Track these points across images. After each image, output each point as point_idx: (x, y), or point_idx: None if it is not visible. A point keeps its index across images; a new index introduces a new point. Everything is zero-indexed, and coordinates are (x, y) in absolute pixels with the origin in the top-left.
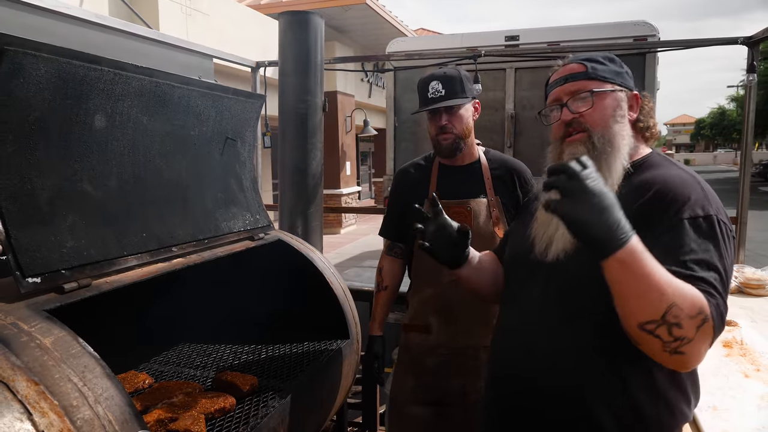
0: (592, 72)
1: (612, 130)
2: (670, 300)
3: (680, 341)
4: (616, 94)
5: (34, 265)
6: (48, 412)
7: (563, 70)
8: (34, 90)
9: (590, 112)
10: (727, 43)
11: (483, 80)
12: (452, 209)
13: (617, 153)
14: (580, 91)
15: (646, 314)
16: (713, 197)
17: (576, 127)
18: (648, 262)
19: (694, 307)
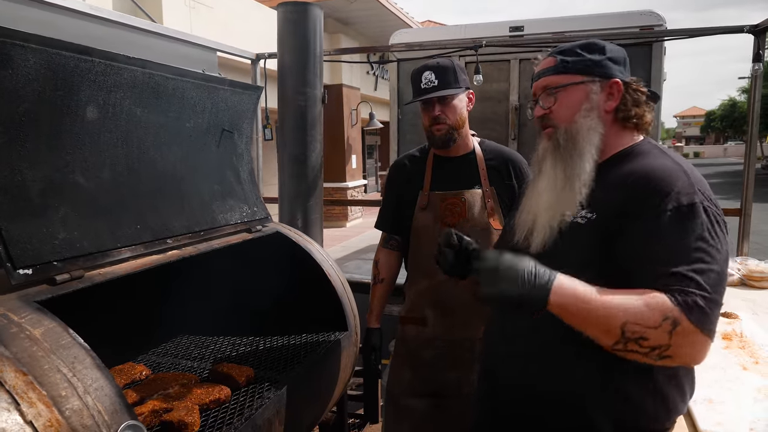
0: (561, 66)
1: (576, 126)
2: (620, 320)
3: (658, 349)
4: (585, 86)
5: (26, 256)
6: (36, 402)
7: (540, 65)
8: (23, 81)
9: (555, 108)
10: (733, 31)
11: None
12: (447, 200)
13: (580, 151)
14: (547, 87)
15: (607, 339)
16: (700, 184)
17: (546, 122)
18: (581, 297)
19: (653, 316)
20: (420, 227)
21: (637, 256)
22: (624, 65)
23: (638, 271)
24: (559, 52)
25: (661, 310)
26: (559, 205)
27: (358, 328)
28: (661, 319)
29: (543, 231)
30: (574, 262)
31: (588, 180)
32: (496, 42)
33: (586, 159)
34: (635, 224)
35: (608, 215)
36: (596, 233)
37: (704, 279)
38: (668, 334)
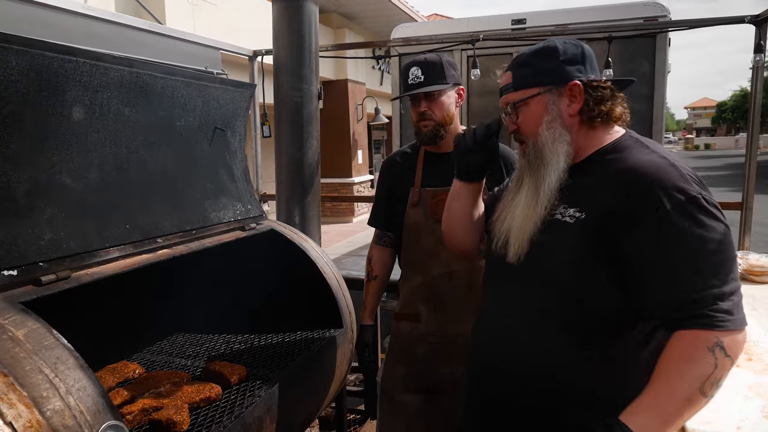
0: (518, 81)
1: (541, 140)
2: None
3: (725, 372)
4: (542, 97)
5: (11, 257)
6: (16, 403)
7: (502, 81)
8: (6, 83)
9: (520, 123)
10: (735, 22)
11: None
12: (438, 197)
13: (546, 163)
14: (509, 102)
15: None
16: (690, 172)
17: (518, 137)
18: (655, 411)
19: (708, 361)
20: (412, 224)
21: (646, 261)
22: (583, 63)
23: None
24: (514, 65)
25: (705, 350)
26: (528, 222)
27: (353, 325)
28: (710, 357)
29: (515, 245)
30: (561, 261)
31: (554, 190)
32: (494, 36)
33: (551, 170)
34: (640, 227)
35: (599, 215)
36: (585, 233)
37: (716, 274)
38: (722, 359)
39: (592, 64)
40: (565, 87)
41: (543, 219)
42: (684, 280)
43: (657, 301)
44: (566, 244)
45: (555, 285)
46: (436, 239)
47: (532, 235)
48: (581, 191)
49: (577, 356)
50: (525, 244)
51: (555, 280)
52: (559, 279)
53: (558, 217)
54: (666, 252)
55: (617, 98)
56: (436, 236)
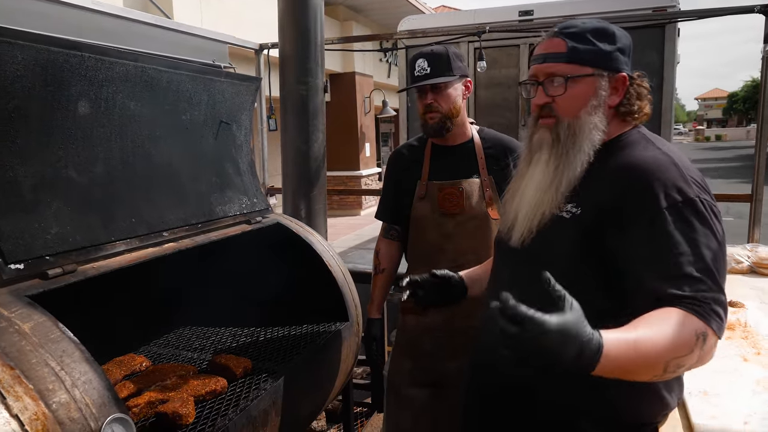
0: (572, 54)
1: (580, 122)
2: (664, 360)
3: (691, 366)
4: (595, 80)
5: (17, 251)
6: (23, 396)
7: (546, 45)
8: (12, 78)
9: (562, 99)
10: (744, 11)
11: (496, 57)
12: (445, 190)
13: (578, 148)
14: (555, 74)
15: (649, 378)
16: (691, 173)
17: (547, 111)
18: (628, 353)
19: (689, 343)
20: (418, 217)
21: (639, 257)
22: (630, 56)
23: (642, 273)
24: (568, 35)
25: (692, 333)
26: (542, 204)
27: (359, 318)
28: (693, 344)
29: (522, 228)
30: (557, 254)
31: (576, 179)
32: (500, 27)
33: (580, 158)
34: (633, 224)
35: (595, 210)
36: (580, 228)
37: (712, 281)
38: (699, 351)
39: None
40: (615, 76)
41: (557, 206)
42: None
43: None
44: (562, 239)
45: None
46: (442, 233)
47: (543, 220)
48: (580, 185)
49: None
50: (533, 229)
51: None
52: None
53: (555, 211)
54: (656, 251)
55: (650, 98)
56: (442, 230)
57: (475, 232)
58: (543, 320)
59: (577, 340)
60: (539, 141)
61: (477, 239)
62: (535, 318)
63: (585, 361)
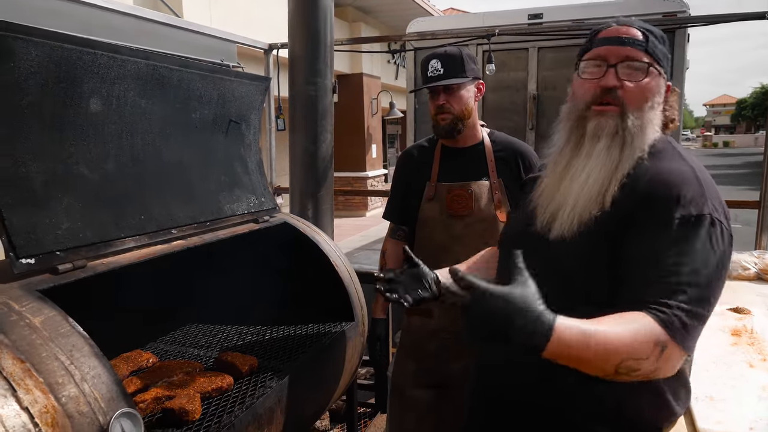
0: (651, 47)
1: (646, 116)
2: (615, 362)
3: (645, 374)
4: (660, 78)
5: (29, 246)
6: (33, 389)
7: (621, 30)
8: (26, 74)
9: (635, 87)
10: (754, 18)
11: (505, 60)
12: (453, 192)
13: (644, 140)
14: (635, 59)
15: (601, 373)
16: (711, 192)
17: (612, 97)
18: (581, 340)
19: (646, 348)
20: (426, 218)
21: (635, 259)
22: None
23: (633, 274)
24: (643, 27)
25: (652, 339)
26: (601, 194)
27: (365, 319)
28: (650, 349)
29: (571, 217)
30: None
31: (625, 173)
32: (509, 30)
33: (636, 154)
34: (643, 230)
35: (615, 214)
36: (603, 228)
37: (693, 293)
38: (656, 359)
39: None
40: (665, 81)
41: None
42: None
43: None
44: (582, 237)
45: (561, 278)
46: (450, 234)
47: (595, 209)
48: None
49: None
50: (583, 218)
51: (562, 272)
52: (566, 272)
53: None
54: (651, 256)
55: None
56: (450, 231)
57: (483, 235)
58: (486, 287)
59: (525, 313)
60: (598, 128)
61: (485, 241)
62: (479, 284)
63: (535, 338)
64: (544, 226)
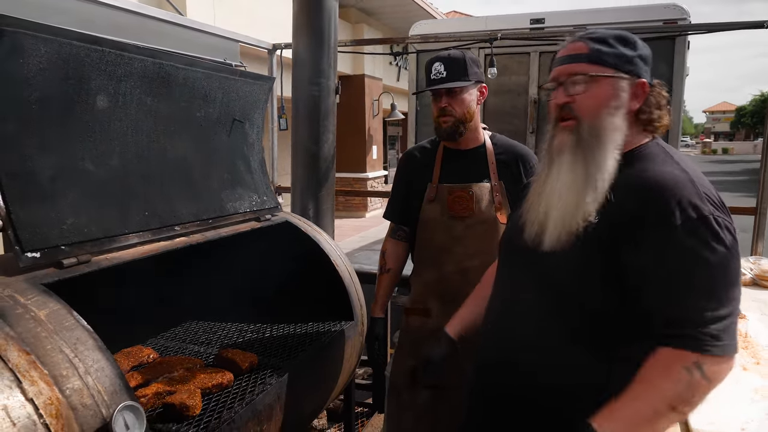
0: (594, 55)
1: (601, 122)
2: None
3: (703, 393)
4: (616, 81)
5: (34, 240)
6: (38, 380)
7: (568, 48)
8: (35, 70)
9: (582, 98)
10: (753, 27)
11: (506, 64)
12: (455, 193)
13: (603, 147)
14: (577, 73)
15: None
16: (707, 190)
17: (567, 112)
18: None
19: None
20: (427, 219)
21: (647, 274)
22: (650, 65)
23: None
24: (591, 38)
25: (679, 369)
26: (580, 207)
27: (364, 318)
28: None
29: (557, 231)
30: (565, 264)
31: (608, 182)
32: (512, 34)
33: (609, 159)
34: (646, 241)
35: (611, 221)
36: (595, 237)
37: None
38: (701, 378)
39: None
40: (636, 81)
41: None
42: (678, 297)
43: (649, 313)
44: (576, 248)
45: (556, 287)
46: (451, 236)
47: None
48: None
49: (582, 358)
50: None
51: (556, 282)
52: (559, 282)
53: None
54: (666, 267)
55: (668, 109)
56: (451, 233)
57: (484, 236)
58: None
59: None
60: (560, 144)
61: (485, 243)
62: None
63: None
64: (534, 239)
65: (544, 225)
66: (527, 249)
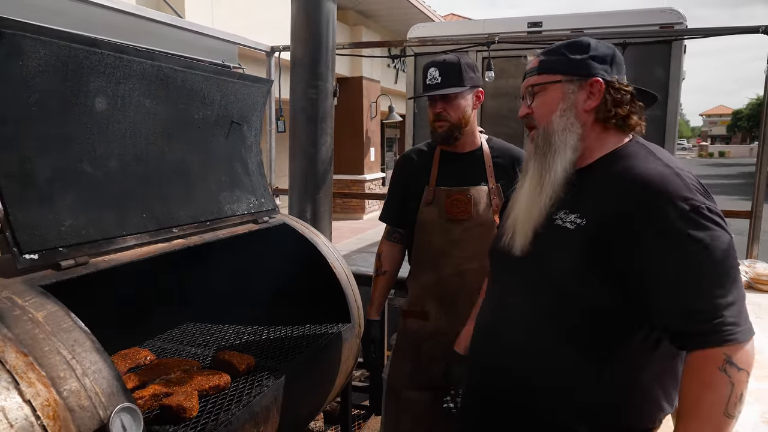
0: (543, 66)
1: (552, 127)
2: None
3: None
4: (562, 85)
5: (32, 242)
6: (35, 382)
7: (528, 66)
8: (34, 72)
9: (535, 107)
10: (749, 31)
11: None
12: (453, 196)
13: (554, 151)
14: (530, 85)
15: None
16: (694, 182)
17: (529, 123)
18: None
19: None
20: (425, 222)
21: (650, 272)
22: (611, 64)
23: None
24: (543, 52)
25: (715, 371)
26: (533, 208)
27: (361, 321)
28: (724, 376)
29: (522, 235)
30: (560, 267)
31: (559, 181)
32: (509, 38)
33: (558, 159)
34: (641, 241)
35: (601, 222)
36: (585, 239)
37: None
38: (737, 371)
39: (620, 69)
40: (587, 81)
41: (547, 211)
42: (687, 291)
43: (661, 313)
44: (566, 251)
45: (553, 289)
46: (448, 239)
47: (536, 224)
48: (583, 197)
49: (576, 361)
50: (530, 234)
51: (553, 284)
52: (557, 284)
53: (558, 222)
54: (669, 263)
55: (636, 106)
56: (448, 236)
57: (481, 239)
58: None
59: None
60: (528, 152)
61: (483, 246)
62: None
63: None
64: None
65: (515, 231)
66: (509, 254)
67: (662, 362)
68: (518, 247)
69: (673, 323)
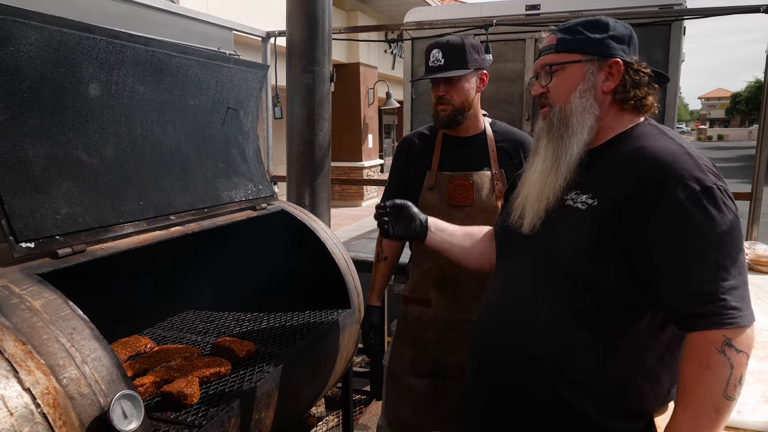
0: (560, 44)
1: (570, 107)
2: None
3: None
4: (582, 65)
5: (28, 230)
6: (34, 370)
7: (543, 43)
8: (25, 58)
9: (552, 86)
10: (750, 11)
11: (502, 51)
12: (455, 181)
13: (571, 132)
14: (547, 64)
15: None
16: (705, 161)
17: (544, 101)
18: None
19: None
20: (427, 207)
21: (658, 251)
22: (629, 44)
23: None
24: (561, 29)
25: (713, 352)
26: (545, 188)
27: (361, 306)
28: (723, 358)
29: (532, 213)
30: (569, 246)
31: (574, 163)
32: (507, 21)
33: (575, 141)
34: (650, 215)
35: (613, 202)
36: (597, 220)
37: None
38: (735, 353)
39: (636, 50)
40: (606, 62)
41: (561, 191)
42: (693, 271)
43: (664, 293)
44: (576, 231)
45: (562, 269)
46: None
47: (549, 204)
48: (594, 177)
49: (583, 340)
50: (542, 213)
51: (562, 264)
52: (565, 263)
53: (569, 203)
54: (677, 242)
55: (653, 88)
56: (451, 221)
57: (484, 225)
58: None
59: None
60: (539, 131)
61: None
62: None
63: None
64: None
65: (524, 210)
66: (517, 232)
67: (669, 345)
68: (527, 225)
69: (676, 303)
